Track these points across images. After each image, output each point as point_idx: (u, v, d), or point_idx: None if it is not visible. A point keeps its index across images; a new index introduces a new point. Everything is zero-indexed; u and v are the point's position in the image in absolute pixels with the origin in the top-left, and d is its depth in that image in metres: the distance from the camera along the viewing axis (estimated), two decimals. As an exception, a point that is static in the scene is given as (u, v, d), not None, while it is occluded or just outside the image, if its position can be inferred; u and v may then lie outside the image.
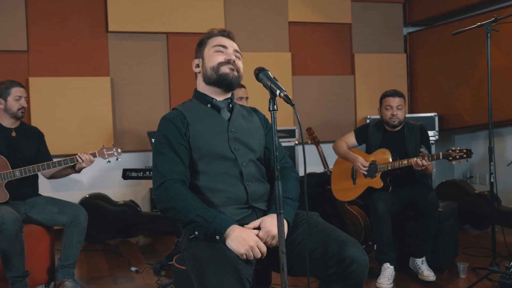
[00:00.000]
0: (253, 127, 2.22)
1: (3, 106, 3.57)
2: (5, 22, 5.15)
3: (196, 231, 1.91)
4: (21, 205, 3.54)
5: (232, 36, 2.26)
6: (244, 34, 5.97)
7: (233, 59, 2.15)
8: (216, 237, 1.87)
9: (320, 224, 2.01)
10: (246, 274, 1.79)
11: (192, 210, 1.91)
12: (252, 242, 1.84)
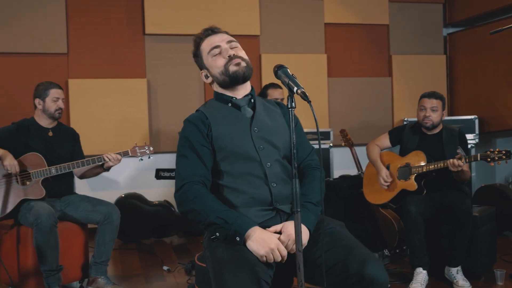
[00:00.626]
0: (278, 124, 2.16)
1: (41, 107, 3.68)
2: (46, 26, 5.30)
3: (217, 232, 1.89)
4: (56, 202, 3.63)
5: (216, 29, 2.18)
6: (280, 36, 5.97)
7: (233, 53, 2.09)
8: (237, 239, 1.84)
9: (344, 237, 1.94)
10: (265, 277, 1.77)
11: (213, 212, 1.89)
12: (273, 245, 1.81)
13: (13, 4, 5.22)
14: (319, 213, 2.03)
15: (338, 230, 1.99)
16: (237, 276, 1.72)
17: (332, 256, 1.85)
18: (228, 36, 2.15)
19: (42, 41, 5.31)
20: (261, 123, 2.11)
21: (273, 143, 2.08)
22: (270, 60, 5.90)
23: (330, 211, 4.39)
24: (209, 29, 2.16)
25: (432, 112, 3.73)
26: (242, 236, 1.83)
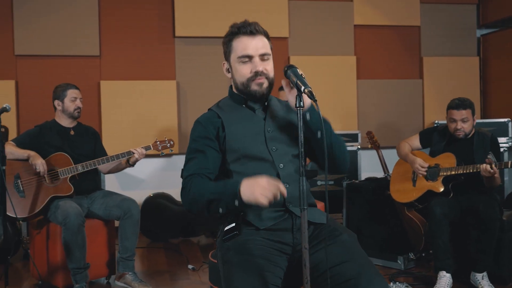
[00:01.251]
0: (292, 121, 2.10)
1: (60, 108, 3.80)
2: (79, 29, 5.46)
3: (220, 208, 1.86)
4: (84, 200, 3.73)
5: (256, 29, 2.04)
6: (308, 38, 5.97)
7: (261, 69, 2.01)
8: (235, 203, 1.81)
9: (357, 253, 1.91)
10: (274, 280, 1.78)
11: (206, 191, 1.88)
12: (263, 182, 1.77)
13: (47, 8, 5.39)
14: (324, 123, 1.90)
15: (352, 244, 1.95)
16: (246, 281, 1.74)
17: (346, 271, 1.83)
18: (263, 46, 2.05)
19: (75, 44, 5.46)
20: (274, 124, 2.09)
21: (287, 143, 2.06)
22: (299, 62, 5.89)
23: (355, 213, 4.38)
24: (249, 27, 2.04)
25: (463, 123, 3.66)
26: (236, 195, 1.80)
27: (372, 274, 1.81)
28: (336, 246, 1.90)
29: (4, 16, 5.35)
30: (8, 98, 5.26)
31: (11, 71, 5.38)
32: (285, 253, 1.96)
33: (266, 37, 2.09)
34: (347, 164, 2.12)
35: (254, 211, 1.96)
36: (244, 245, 1.89)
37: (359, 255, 1.89)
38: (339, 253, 1.87)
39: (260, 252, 1.87)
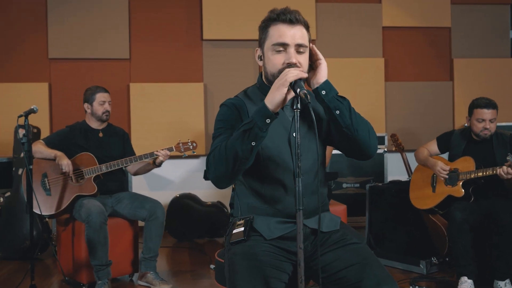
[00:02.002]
0: (318, 123, 1.93)
1: (89, 110, 3.91)
2: (110, 33, 5.60)
3: (252, 141, 1.72)
4: (108, 199, 3.83)
5: (297, 18, 1.88)
6: (336, 40, 5.96)
7: (294, 62, 1.84)
8: (267, 121, 1.71)
9: (365, 257, 1.85)
10: (278, 285, 1.78)
11: (235, 133, 1.77)
12: (279, 79, 1.73)
13: (79, 13, 5.56)
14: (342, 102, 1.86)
15: (362, 248, 1.90)
16: (250, 285, 1.73)
17: (354, 274, 1.80)
18: (301, 36, 1.88)
19: (106, 47, 5.61)
20: (301, 127, 1.84)
21: (310, 149, 1.95)
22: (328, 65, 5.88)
23: (377, 216, 4.34)
24: (289, 15, 1.88)
25: (491, 123, 3.60)
26: (267, 110, 1.71)
27: (381, 277, 1.77)
28: (345, 250, 1.87)
29: (39, 21, 5.55)
30: (41, 100, 5.45)
31: (45, 74, 5.57)
32: (292, 260, 1.92)
33: (306, 29, 1.93)
34: (373, 148, 1.93)
35: (263, 220, 1.92)
36: (251, 251, 1.86)
37: (369, 259, 1.84)
38: (347, 257, 1.84)
39: (266, 258, 1.85)
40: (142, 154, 3.78)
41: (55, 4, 5.54)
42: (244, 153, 1.75)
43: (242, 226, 1.92)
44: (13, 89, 5.43)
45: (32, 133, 4.78)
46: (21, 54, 5.53)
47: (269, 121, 1.73)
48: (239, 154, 1.74)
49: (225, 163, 1.77)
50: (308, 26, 1.94)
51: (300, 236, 1.61)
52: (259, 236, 1.92)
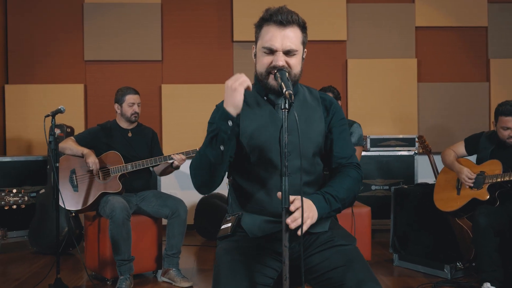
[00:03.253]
0: (312, 124, 1.96)
1: (119, 111, 4.01)
2: (143, 35, 5.75)
3: (220, 145, 1.78)
4: (133, 197, 3.93)
5: (289, 19, 1.85)
6: (367, 41, 5.91)
7: (281, 64, 1.83)
8: (229, 123, 1.76)
9: (352, 259, 1.83)
10: (263, 281, 1.79)
11: (203, 143, 1.85)
12: (228, 82, 1.77)
13: (114, 17, 5.72)
14: (336, 210, 1.86)
15: (350, 250, 1.88)
16: (233, 280, 1.74)
17: (339, 276, 1.79)
18: (292, 39, 1.85)
19: (139, 50, 5.76)
20: (293, 126, 1.88)
21: (302, 149, 1.85)
22: (357, 66, 5.86)
23: (402, 219, 4.28)
24: (280, 16, 1.85)
25: None
26: (227, 115, 1.75)
27: (362, 279, 1.75)
28: (331, 252, 1.86)
29: (75, 25, 5.75)
30: (77, 100, 5.65)
31: (81, 76, 5.77)
32: (280, 258, 1.92)
33: (301, 28, 1.90)
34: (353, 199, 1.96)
35: (250, 218, 1.94)
36: (236, 246, 1.89)
37: (354, 261, 1.82)
38: (333, 258, 1.84)
39: (252, 253, 1.87)
40: (161, 156, 3.86)
41: (90, 9, 5.73)
42: (216, 159, 1.81)
43: (230, 222, 1.96)
44: (51, 90, 5.65)
45: (66, 132, 4.96)
46: (59, 57, 5.75)
47: (231, 124, 1.77)
48: (212, 161, 1.81)
49: (201, 172, 1.86)
50: (304, 26, 1.92)
51: (286, 236, 1.63)
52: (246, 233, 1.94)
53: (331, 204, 1.84)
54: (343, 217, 4.16)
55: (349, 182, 1.91)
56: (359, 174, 1.97)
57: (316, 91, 2.09)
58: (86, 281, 3.84)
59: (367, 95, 5.86)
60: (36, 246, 4.81)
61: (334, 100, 2.08)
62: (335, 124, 2.00)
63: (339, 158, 1.99)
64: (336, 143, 1.99)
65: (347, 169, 1.97)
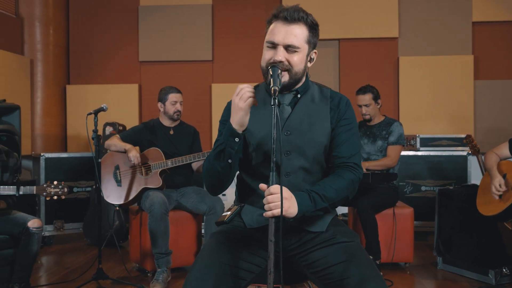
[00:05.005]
0: (316, 124, 1.95)
1: (162, 109, 4.14)
2: (194, 36, 5.90)
3: (228, 159, 1.84)
4: (173, 193, 4.06)
5: (294, 16, 1.86)
6: (420, 38, 5.75)
7: (278, 60, 1.84)
8: (236, 140, 1.81)
9: (353, 255, 1.81)
10: (247, 267, 1.83)
11: (211, 153, 1.91)
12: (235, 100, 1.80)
13: (167, 19, 5.92)
14: (322, 209, 1.86)
15: (351, 246, 1.86)
16: (208, 258, 1.78)
17: (340, 271, 1.78)
18: (295, 36, 1.87)
19: (191, 50, 5.92)
20: (296, 125, 1.93)
21: (304, 148, 1.93)
22: (409, 63, 5.71)
23: (446, 221, 4.14)
24: (285, 13, 1.88)
25: None
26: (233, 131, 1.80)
27: (365, 275, 1.73)
28: (333, 248, 1.85)
29: (131, 28, 6.00)
30: (132, 100, 5.89)
31: (136, 76, 6.00)
32: None
33: (308, 27, 1.91)
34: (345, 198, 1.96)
35: (250, 210, 1.97)
36: (228, 232, 1.94)
37: (356, 256, 1.80)
38: (335, 254, 1.82)
39: (241, 240, 1.90)
40: (196, 154, 3.94)
41: (145, 13, 5.95)
42: (224, 170, 1.89)
43: (230, 210, 2.00)
44: (108, 90, 5.93)
45: (118, 130, 5.18)
46: (115, 58, 6.02)
47: (238, 140, 1.82)
48: (220, 171, 1.89)
49: (211, 178, 1.94)
50: (313, 26, 1.93)
51: (271, 229, 1.65)
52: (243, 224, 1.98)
53: (316, 203, 1.83)
54: (383, 217, 4.09)
55: (340, 182, 1.90)
56: (355, 175, 1.94)
57: (328, 90, 2.08)
58: (126, 272, 4.00)
59: (419, 93, 5.69)
60: (89, 238, 5.06)
61: (344, 100, 2.04)
62: (339, 123, 1.98)
63: (337, 157, 1.97)
64: (336, 142, 1.98)
65: (342, 170, 1.95)
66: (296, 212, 1.78)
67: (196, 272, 1.76)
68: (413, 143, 5.25)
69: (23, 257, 3.22)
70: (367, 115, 4.31)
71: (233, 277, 1.79)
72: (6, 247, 3.28)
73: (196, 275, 1.75)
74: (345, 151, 1.96)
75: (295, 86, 1.97)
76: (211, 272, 1.75)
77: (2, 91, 5.25)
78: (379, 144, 4.23)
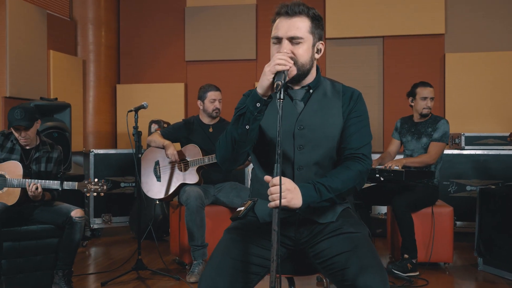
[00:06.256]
0: (329, 118, 1.98)
1: (201, 107, 4.25)
2: (239, 36, 6.01)
3: (246, 125, 1.84)
4: (211, 188, 4.16)
5: (294, 10, 1.91)
6: (467, 34, 5.63)
7: (285, 51, 1.87)
8: (257, 105, 1.81)
9: (357, 246, 1.84)
10: (258, 262, 1.87)
11: (232, 120, 1.92)
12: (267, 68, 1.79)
13: (212, 19, 6.05)
14: (328, 200, 1.88)
15: (357, 237, 1.89)
16: (222, 256, 1.84)
17: (343, 260, 1.81)
18: (297, 28, 1.90)
19: (235, 50, 6.03)
20: (308, 119, 1.97)
21: (316, 143, 1.97)
22: (456, 60, 5.58)
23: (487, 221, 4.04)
24: (286, 8, 1.93)
25: None
26: (256, 96, 1.81)
27: (366, 265, 1.76)
28: (339, 238, 1.89)
29: (177, 29, 6.19)
30: (178, 98, 6.07)
31: (182, 75, 6.18)
32: (285, 244, 2.01)
33: (310, 18, 1.94)
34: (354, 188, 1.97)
35: (263, 204, 1.98)
36: (242, 227, 1.99)
37: (360, 247, 1.83)
38: (340, 245, 1.86)
39: (255, 234, 1.94)
40: None
41: (191, 14, 6.12)
42: (241, 137, 1.87)
43: (244, 206, 2.03)
44: (155, 89, 6.14)
45: (163, 127, 5.36)
46: (162, 58, 6.22)
47: (259, 105, 1.82)
48: (236, 138, 1.88)
49: (226, 147, 1.93)
50: (315, 18, 1.95)
51: (275, 219, 1.69)
52: (257, 218, 2.03)
53: (321, 194, 1.86)
54: (421, 216, 4.04)
55: (347, 173, 1.93)
56: (362, 166, 1.96)
57: (340, 85, 2.10)
58: (165, 264, 4.14)
59: (466, 91, 5.55)
60: (135, 231, 5.26)
61: (356, 93, 2.06)
62: (349, 115, 2.01)
63: (346, 149, 1.99)
64: (346, 134, 2.00)
65: (349, 161, 1.97)
66: (301, 203, 1.81)
67: (209, 270, 1.82)
68: (457, 141, 5.13)
69: (66, 245, 3.41)
70: (428, 108, 4.20)
71: (245, 273, 1.85)
72: (52, 236, 3.48)
73: (210, 274, 1.81)
74: (354, 142, 1.98)
75: (305, 78, 2.00)
76: (224, 270, 1.81)
77: (57, 90, 5.55)
78: (424, 142, 4.16)
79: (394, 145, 4.42)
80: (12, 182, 3.33)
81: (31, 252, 3.43)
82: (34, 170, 3.48)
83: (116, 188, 5.40)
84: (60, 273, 3.41)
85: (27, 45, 5.13)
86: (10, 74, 4.88)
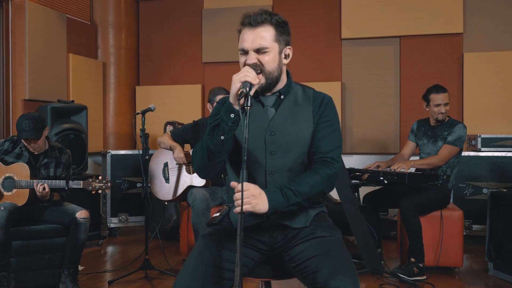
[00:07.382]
0: (299, 124, 1.99)
1: (211, 110, 4.27)
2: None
3: (221, 135, 1.88)
4: (218, 190, 4.20)
5: (257, 20, 1.93)
6: (486, 33, 5.49)
7: (252, 62, 1.91)
8: (231, 116, 1.85)
9: (329, 249, 1.86)
10: (230, 267, 1.87)
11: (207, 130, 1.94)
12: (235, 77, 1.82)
13: (229, 21, 6.08)
14: (295, 204, 1.89)
15: (329, 241, 1.91)
16: (194, 261, 1.87)
17: (315, 264, 1.83)
18: (262, 38, 1.92)
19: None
20: (279, 126, 1.98)
21: (287, 149, 1.98)
22: (474, 59, 5.46)
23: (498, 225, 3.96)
24: (248, 19, 1.94)
25: None
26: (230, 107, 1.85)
27: (337, 268, 1.78)
28: (312, 243, 1.91)
29: (194, 31, 6.26)
30: (195, 100, 6.13)
31: (199, 77, 6.25)
32: (259, 248, 2.02)
33: (274, 26, 1.96)
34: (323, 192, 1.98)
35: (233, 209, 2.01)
36: (219, 233, 2.01)
37: (332, 250, 1.85)
38: (313, 248, 1.88)
39: (229, 240, 1.95)
40: None
41: (208, 16, 6.17)
42: (216, 147, 1.91)
43: (220, 212, 2.08)
44: (173, 90, 6.22)
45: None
46: (180, 60, 6.30)
47: (233, 116, 1.85)
48: (211, 148, 1.92)
49: (202, 156, 1.97)
50: (278, 23, 1.96)
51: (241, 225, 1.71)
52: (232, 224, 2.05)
53: (288, 198, 1.87)
54: (430, 219, 3.98)
55: (315, 177, 1.93)
56: (331, 170, 1.96)
57: (311, 90, 2.11)
58: (177, 264, 4.20)
59: (485, 91, 5.43)
60: (150, 231, 5.35)
61: (327, 98, 2.07)
62: (319, 120, 2.01)
63: (315, 153, 2.00)
64: (315, 138, 2.01)
65: (318, 165, 1.97)
66: (267, 208, 1.83)
67: (183, 275, 1.86)
68: (474, 143, 5.02)
69: (71, 245, 3.50)
70: (443, 114, 4.09)
71: (218, 278, 1.87)
72: (59, 235, 3.59)
73: (183, 279, 1.85)
74: (324, 146, 1.99)
75: (276, 85, 2.01)
76: (197, 275, 1.84)
77: (77, 93, 5.69)
78: (440, 145, 4.08)
79: (408, 147, 4.37)
80: (20, 184, 3.45)
81: (40, 251, 3.54)
82: (43, 175, 3.58)
83: (133, 188, 5.51)
84: (66, 272, 3.51)
85: (46, 49, 5.28)
86: (29, 77, 5.04)
